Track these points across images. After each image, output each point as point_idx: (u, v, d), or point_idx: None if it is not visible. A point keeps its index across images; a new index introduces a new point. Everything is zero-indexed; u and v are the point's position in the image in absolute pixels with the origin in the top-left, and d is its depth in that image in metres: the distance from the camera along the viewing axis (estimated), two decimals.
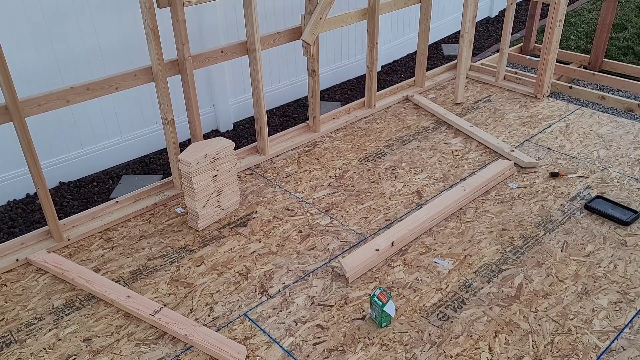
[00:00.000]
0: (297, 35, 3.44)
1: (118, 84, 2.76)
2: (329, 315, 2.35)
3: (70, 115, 3.39)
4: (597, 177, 3.24)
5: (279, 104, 4.54)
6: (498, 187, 3.19)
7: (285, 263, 2.66)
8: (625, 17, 6.24)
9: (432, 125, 3.91)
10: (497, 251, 2.70)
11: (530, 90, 4.31)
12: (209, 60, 3.08)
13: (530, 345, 2.18)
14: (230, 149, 2.89)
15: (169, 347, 2.22)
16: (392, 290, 2.47)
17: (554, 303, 2.38)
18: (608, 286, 2.47)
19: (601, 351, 2.15)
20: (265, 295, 2.47)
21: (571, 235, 2.79)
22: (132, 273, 2.61)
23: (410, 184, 3.24)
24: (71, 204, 3.32)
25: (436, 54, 5.61)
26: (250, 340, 2.24)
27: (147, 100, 3.62)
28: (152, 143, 3.85)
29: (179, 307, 2.41)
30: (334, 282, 2.53)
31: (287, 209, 3.05)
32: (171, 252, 2.75)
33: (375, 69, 3.95)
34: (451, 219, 2.93)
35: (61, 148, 3.45)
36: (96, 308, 2.41)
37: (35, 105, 2.54)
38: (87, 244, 2.82)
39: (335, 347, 2.20)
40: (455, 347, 2.18)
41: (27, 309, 2.41)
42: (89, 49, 3.30)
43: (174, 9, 2.76)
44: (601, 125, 3.83)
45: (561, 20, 3.92)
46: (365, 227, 2.90)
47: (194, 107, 3.05)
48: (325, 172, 3.38)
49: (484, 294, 2.44)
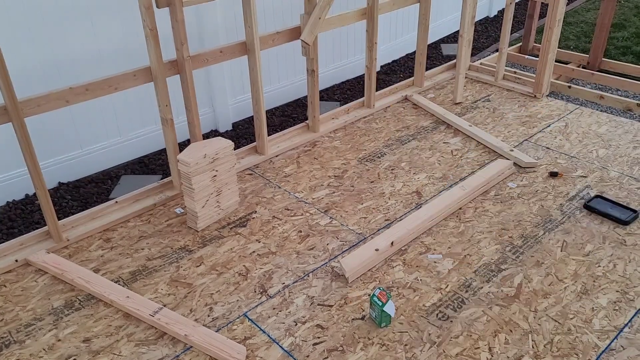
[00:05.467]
0: (297, 35, 3.44)
1: (117, 84, 2.75)
2: (329, 315, 2.35)
3: (69, 116, 3.38)
4: (596, 177, 3.25)
5: (278, 104, 4.54)
6: (497, 187, 3.19)
7: (284, 263, 2.66)
8: (624, 16, 6.25)
9: (431, 125, 3.91)
10: (496, 251, 2.70)
11: (530, 89, 4.31)
12: (208, 60, 3.08)
13: (530, 344, 2.18)
14: (229, 149, 2.89)
15: (168, 347, 2.21)
16: (391, 290, 2.47)
17: (553, 302, 2.38)
18: (607, 285, 2.47)
19: (601, 350, 2.15)
20: (265, 296, 2.46)
21: (571, 234, 2.79)
22: (131, 273, 2.61)
23: (410, 184, 3.24)
24: (70, 204, 3.32)
25: (435, 54, 5.61)
26: (250, 340, 2.24)
27: (146, 101, 3.62)
28: (151, 143, 3.85)
29: (178, 307, 2.41)
30: (333, 282, 2.53)
31: (286, 209, 3.05)
32: (171, 252, 2.75)
33: (375, 69, 3.95)
34: (451, 219, 2.94)
35: (60, 148, 3.44)
36: (96, 308, 2.41)
37: (35, 105, 2.54)
38: (86, 244, 2.81)
39: (335, 347, 2.20)
40: (455, 347, 2.18)
41: (27, 310, 2.41)
42: (88, 50, 3.30)
43: (173, 9, 2.76)
44: (600, 125, 3.83)
45: (560, 19, 3.92)
46: (364, 227, 2.90)
47: (193, 107, 3.05)
48: (325, 172, 3.38)
49: (484, 294, 2.44)
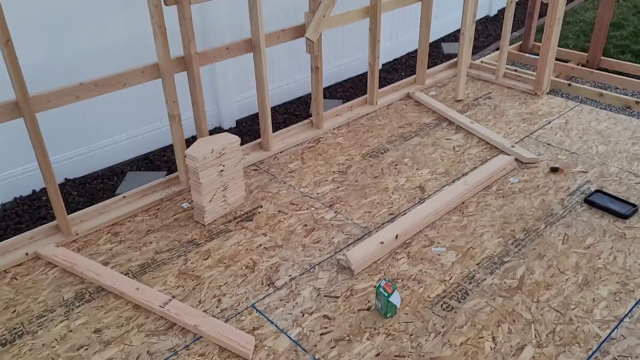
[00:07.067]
0: (301, 33, 3.48)
1: (126, 80, 2.80)
2: (335, 306, 2.39)
3: (76, 112, 3.41)
4: (596, 172, 3.30)
5: (281, 102, 4.58)
6: (499, 182, 3.24)
7: (291, 256, 2.70)
8: (622, 15, 6.30)
9: (433, 121, 3.96)
10: (499, 244, 2.74)
11: (530, 87, 4.36)
12: (214, 57, 3.12)
13: (533, 334, 2.23)
14: (236, 144, 2.93)
15: (178, 337, 2.26)
16: (396, 282, 2.52)
17: (555, 294, 2.43)
18: (608, 277, 2.51)
19: (602, 340, 2.20)
20: (272, 287, 2.51)
21: (571, 228, 2.84)
22: (140, 266, 2.65)
23: (413, 179, 3.29)
24: (77, 200, 3.36)
25: (436, 53, 5.66)
26: (258, 330, 2.28)
27: (152, 98, 3.65)
28: (156, 140, 3.89)
29: (187, 299, 2.46)
30: (339, 274, 2.58)
31: (292, 204, 3.09)
32: (178, 245, 2.79)
33: (377, 67, 3.99)
34: (454, 213, 2.98)
35: (67, 145, 3.48)
36: (106, 300, 2.45)
37: (46, 101, 2.58)
38: (95, 238, 2.85)
39: (341, 337, 2.24)
40: (460, 337, 2.23)
41: (38, 302, 2.45)
42: (95, 47, 3.34)
43: (181, 6, 2.80)
44: (600, 122, 3.88)
45: (560, 18, 3.97)
46: (369, 220, 2.94)
47: (200, 103, 3.09)
48: (329, 168, 3.43)
49: (487, 285, 2.48)
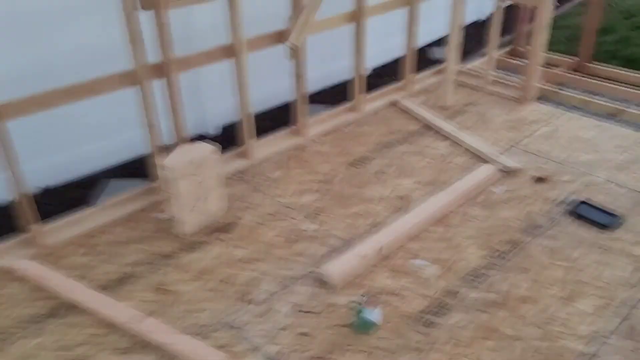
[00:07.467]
0: (284, 39, 3.42)
1: (100, 88, 2.72)
2: (314, 323, 2.33)
3: (51, 119, 3.31)
4: (582, 182, 3.25)
5: (264, 108, 4.50)
6: (484, 192, 3.19)
7: (270, 270, 2.63)
8: (611, 21, 6.30)
9: (419, 129, 3.90)
10: (483, 257, 2.69)
11: (518, 94, 4.32)
12: (193, 63, 3.05)
13: (517, 351, 2.18)
14: (215, 154, 2.86)
15: (151, 356, 2.18)
16: (378, 297, 2.45)
17: (540, 309, 2.38)
18: (593, 292, 2.47)
19: (586, 357, 2.15)
20: (250, 303, 2.44)
21: (557, 240, 2.79)
22: (115, 280, 2.57)
23: (398, 189, 3.23)
24: (52, 209, 3.26)
25: (423, 58, 5.61)
26: (234, 348, 2.21)
27: (131, 104, 3.57)
28: (136, 147, 3.80)
29: (162, 315, 2.38)
30: (319, 289, 2.51)
31: (272, 215, 3.02)
32: (155, 259, 2.71)
33: (363, 73, 3.94)
34: (438, 225, 2.92)
35: (42, 152, 3.39)
36: (78, 317, 2.37)
37: (16, 109, 2.50)
38: (69, 250, 2.77)
39: (320, 355, 2.18)
40: (441, 354, 2.17)
41: (6, 317, 2.36)
42: (72, 53, 3.25)
43: (158, 12, 2.73)
44: (587, 130, 3.84)
45: (548, 24, 3.94)
46: (351, 232, 2.88)
47: (179, 110, 3.02)
48: (312, 177, 3.36)
49: (470, 300, 2.43)
